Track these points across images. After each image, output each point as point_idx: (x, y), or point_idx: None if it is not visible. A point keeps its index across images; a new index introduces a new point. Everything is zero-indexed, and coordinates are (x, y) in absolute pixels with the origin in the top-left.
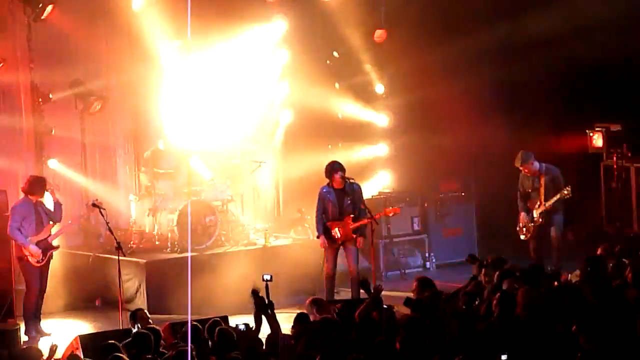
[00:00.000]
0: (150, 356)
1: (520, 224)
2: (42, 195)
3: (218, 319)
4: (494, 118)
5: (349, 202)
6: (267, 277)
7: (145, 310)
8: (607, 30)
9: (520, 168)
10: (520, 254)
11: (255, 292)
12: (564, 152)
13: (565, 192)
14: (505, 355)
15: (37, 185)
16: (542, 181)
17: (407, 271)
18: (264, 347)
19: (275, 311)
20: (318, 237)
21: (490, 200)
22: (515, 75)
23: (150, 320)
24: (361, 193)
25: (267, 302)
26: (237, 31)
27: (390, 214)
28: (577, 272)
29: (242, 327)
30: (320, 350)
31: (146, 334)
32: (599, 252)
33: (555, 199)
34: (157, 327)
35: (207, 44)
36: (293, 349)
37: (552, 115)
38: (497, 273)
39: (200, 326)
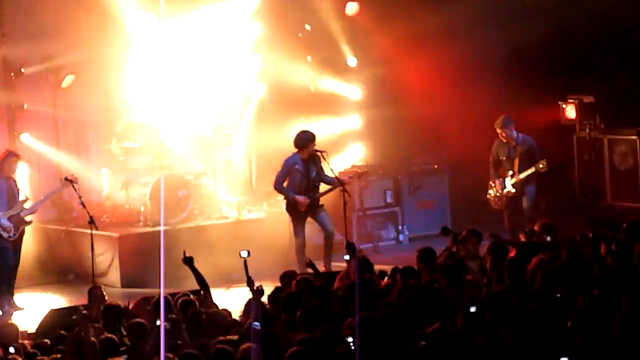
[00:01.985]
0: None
1: (491, 192)
2: (13, 170)
3: (189, 293)
4: (467, 90)
5: (315, 172)
6: (245, 253)
7: (102, 288)
8: (581, 2)
9: (499, 131)
10: (493, 224)
11: (189, 261)
12: (537, 124)
13: (541, 165)
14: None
15: (8, 159)
16: (518, 151)
17: (379, 244)
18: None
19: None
20: (292, 199)
21: (463, 173)
22: (488, 48)
23: (106, 298)
24: (326, 161)
25: (247, 278)
26: (209, 4)
27: (359, 178)
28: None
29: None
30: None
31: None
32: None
33: (529, 172)
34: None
35: (179, 17)
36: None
37: (524, 86)
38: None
39: (171, 299)
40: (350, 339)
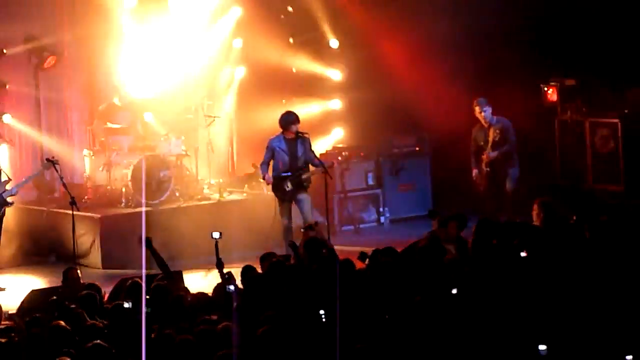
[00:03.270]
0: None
1: (476, 180)
2: None
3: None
4: (448, 73)
5: (300, 153)
6: (217, 235)
7: (77, 269)
8: None
9: (476, 110)
10: (474, 207)
11: (148, 243)
12: (519, 107)
13: (495, 134)
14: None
15: None
16: (491, 132)
17: (361, 226)
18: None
19: (228, 266)
20: (263, 179)
21: (444, 155)
22: (469, 29)
23: (81, 280)
24: (310, 145)
25: (217, 260)
26: None
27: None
28: None
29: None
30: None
31: (91, 294)
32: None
33: (499, 150)
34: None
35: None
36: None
37: (506, 69)
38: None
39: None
40: (322, 312)
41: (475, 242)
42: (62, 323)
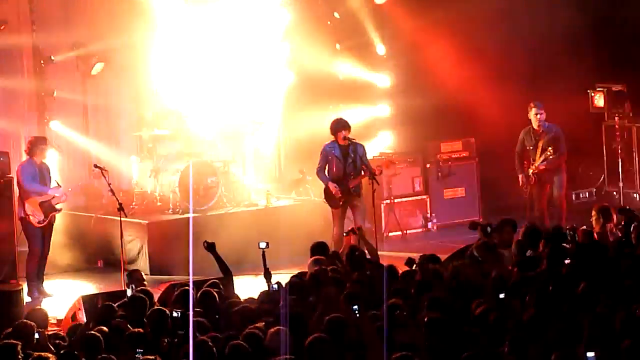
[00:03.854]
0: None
1: (520, 181)
2: (45, 156)
3: (216, 280)
4: (496, 79)
5: (351, 160)
6: (263, 245)
7: (141, 272)
8: None
9: (534, 110)
10: (522, 212)
11: (210, 247)
12: (566, 112)
13: (548, 152)
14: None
15: (38, 145)
16: (542, 139)
17: (408, 232)
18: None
19: (276, 271)
20: (326, 185)
21: (491, 160)
22: (517, 35)
23: (145, 282)
24: (365, 154)
25: (264, 270)
26: None
27: (387, 167)
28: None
29: (275, 286)
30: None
31: (140, 297)
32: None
33: (541, 160)
34: (149, 289)
35: (208, 4)
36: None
37: (554, 75)
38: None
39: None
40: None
41: (520, 249)
42: (104, 329)
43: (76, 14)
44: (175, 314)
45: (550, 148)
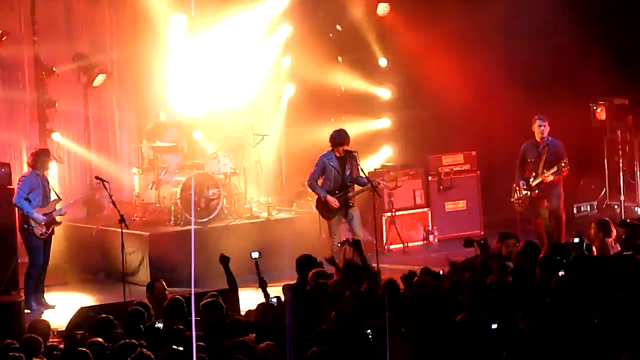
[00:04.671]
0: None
1: (516, 195)
2: (47, 168)
3: (215, 292)
4: (498, 92)
5: (349, 171)
6: (256, 255)
7: (162, 281)
8: (612, 2)
9: (538, 122)
10: (524, 225)
11: (225, 260)
12: (568, 126)
13: (563, 164)
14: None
15: (41, 157)
16: (545, 153)
17: (409, 245)
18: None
19: (277, 283)
20: (324, 198)
21: (493, 173)
22: (518, 48)
23: (166, 292)
24: (358, 161)
25: (259, 279)
26: (240, 4)
27: (390, 190)
28: None
29: (274, 300)
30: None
31: (139, 310)
32: None
33: (552, 170)
34: (145, 301)
35: (210, 17)
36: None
37: (555, 88)
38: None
39: (183, 300)
40: (369, 331)
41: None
42: (101, 340)
43: (78, 25)
44: (158, 325)
45: (565, 159)
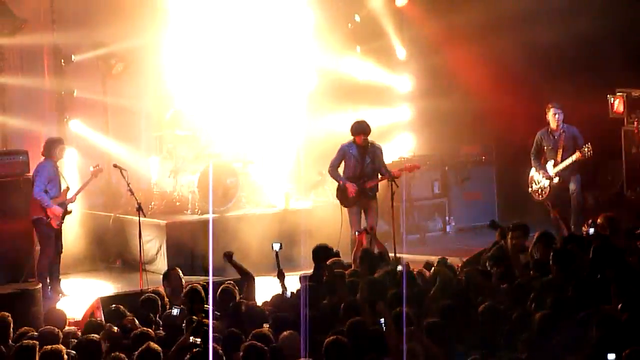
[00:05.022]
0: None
1: (534, 185)
2: (62, 157)
3: (231, 281)
4: (515, 82)
5: (369, 161)
6: (277, 246)
7: (178, 269)
8: None
9: (552, 111)
10: (540, 216)
11: (228, 256)
12: (585, 117)
13: (586, 149)
14: None
15: (55, 145)
16: (562, 140)
17: (427, 235)
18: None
19: (295, 272)
20: (343, 185)
21: (510, 165)
22: (536, 40)
23: (183, 281)
24: (382, 156)
25: (278, 270)
26: None
27: (410, 171)
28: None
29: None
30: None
31: (152, 298)
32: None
33: (575, 156)
34: (160, 290)
35: (230, 5)
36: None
37: (573, 79)
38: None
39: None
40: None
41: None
42: (115, 329)
43: (97, 13)
44: (175, 312)
45: (588, 145)
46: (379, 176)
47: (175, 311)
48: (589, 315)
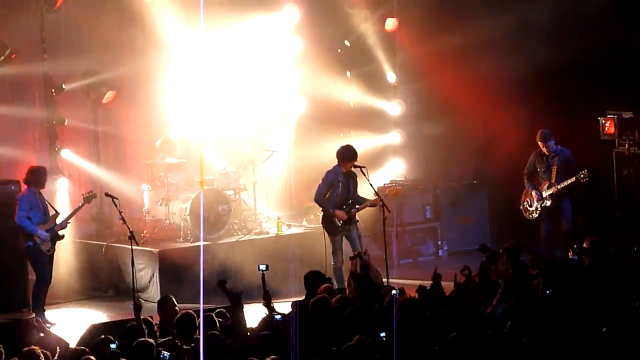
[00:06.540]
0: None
1: (526, 204)
2: (43, 186)
3: (222, 309)
4: (506, 106)
5: (352, 187)
6: (263, 267)
7: (172, 297)
8: (620, 15)
9: (540, 144)
10: (532, 239)
11: (221, 284)
12: (576, 139)
13: (582, 175)
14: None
15: (37, 175)
16: (556, 162)
17: (419, 259)
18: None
19: (287, 299)
20: (332, 213)
21: (502, 188)
22: (526, 62)
23: (177, 308)
24: (366, 178)
25: (264, 292)
26: (249, 20)
27: (395, 194)
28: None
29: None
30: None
31: (139, 328)
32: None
33: (570, 181)
34: (149, 318)
35: (219, 32)
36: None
37: (563, 102)
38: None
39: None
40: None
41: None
42: (93, 358)
43: (87, 42)
44: (112, 346)
45: (584, 171)
46: (358, 203)
47: (165, 355)
48: None
